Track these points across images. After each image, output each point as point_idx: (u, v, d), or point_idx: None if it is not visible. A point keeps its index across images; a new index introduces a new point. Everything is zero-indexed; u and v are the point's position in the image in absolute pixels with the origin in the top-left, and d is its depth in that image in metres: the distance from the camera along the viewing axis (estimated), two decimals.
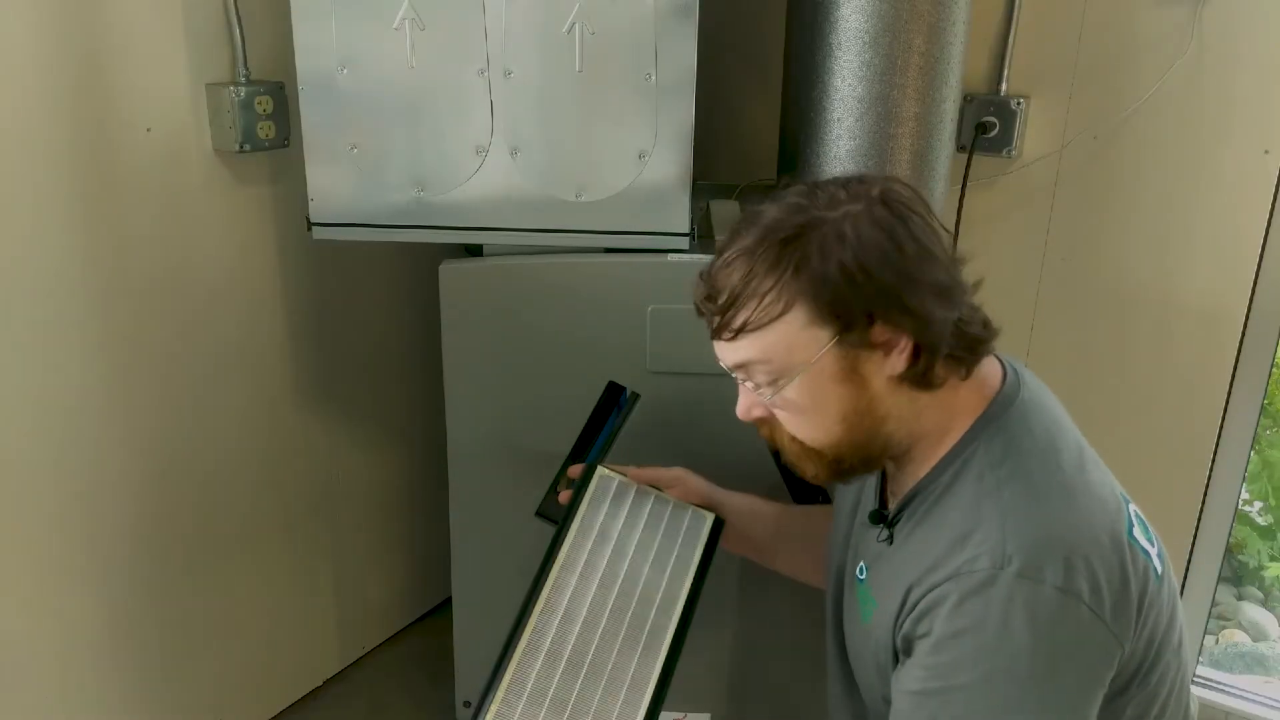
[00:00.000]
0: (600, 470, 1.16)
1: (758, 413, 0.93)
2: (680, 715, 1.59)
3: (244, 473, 1.80)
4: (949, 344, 0.88)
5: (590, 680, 0.96)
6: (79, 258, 1.47)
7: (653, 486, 1.20)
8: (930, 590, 0.85)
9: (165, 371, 1.62)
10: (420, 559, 2.27)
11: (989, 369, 0.96)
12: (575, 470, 1.17)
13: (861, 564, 1.01)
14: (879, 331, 0.86)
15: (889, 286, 0.84)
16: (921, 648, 0.85)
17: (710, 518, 1.17)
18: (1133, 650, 0.85)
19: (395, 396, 2.10)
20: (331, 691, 2.09)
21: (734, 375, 0.93)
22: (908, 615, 0.87)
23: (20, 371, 1.42)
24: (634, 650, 1.00)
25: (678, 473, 1.23)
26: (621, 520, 1.12)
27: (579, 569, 1.05)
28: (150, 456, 1.63)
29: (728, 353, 0.91)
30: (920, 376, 0.88)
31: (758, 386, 0.90)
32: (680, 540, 1.13)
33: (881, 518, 0.98)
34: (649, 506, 1.15)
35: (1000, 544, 0.82)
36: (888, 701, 0.91)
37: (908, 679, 0.86)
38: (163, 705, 1.76)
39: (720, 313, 0.89)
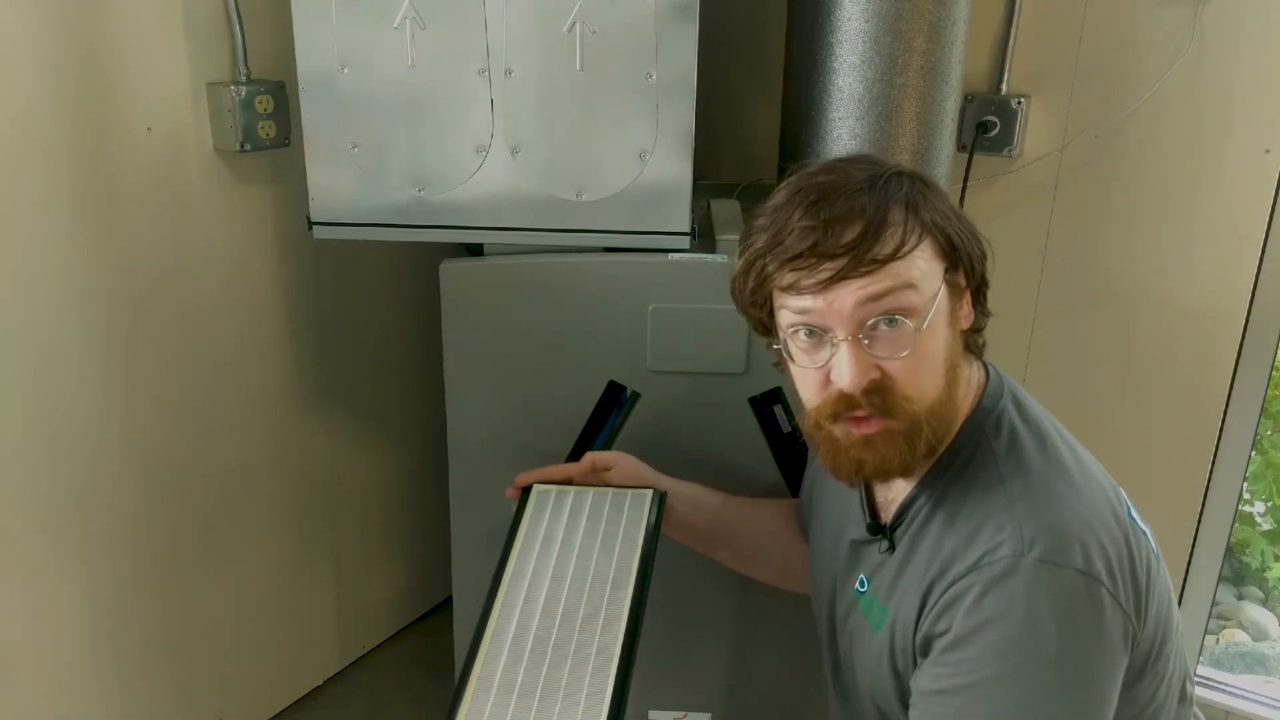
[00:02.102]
0: (536, 488, 1.18)
1: (874, 375, 0.84)
2: (680, 715, 1.59)
3: (244, 472, 1.80)
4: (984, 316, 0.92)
5: (556, 663, 0.96)
6: (79, 257, 1.47)
7: (593, 470, 1.20)
8: (951, 585, 0.83)
9: (165, 371, 1.62)
10: (420, 559, 2.27)
11: (977, 366, 0.96)
12: (512, 493, 1.18)
13: (862, 577, 0.99)
14: (971, 271, 0.88)
15: (972, 232, 0.88)
16: (941, 644, 0.83)
17: (649, 493, 1.17)
18: (1144, 633, 0.85)
19: (395, 396, 2.10)
20: (332, 691, 2.09)
21: (838, 339, 0.83)
22: (928, 614, 0.86)
23: (20, 370, 1.42)
24: (595, 625, 1.00)
25: (616, 454, 1.22)
26: (564, 522, 1.13)
27: (530, 570, 1.07)
28: (150, 456, 1.63)
29: (869, 285, 0.82)
30: (975, 339, 0.92)
31: (892, 322, 0.83)
32: (624, 521, 1.14)
33: (879, 529, 0.97)
34: (588, 502, 1.16)
35: (1018, 531, 0.81)
36: (906, 710, 0.89)
37: (929, 679, 0.84)
38: (162, 705, 1.76)
39: (854, 246, 0.81)
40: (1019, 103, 1.74)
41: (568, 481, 1.20)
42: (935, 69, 1.41)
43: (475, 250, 1.47)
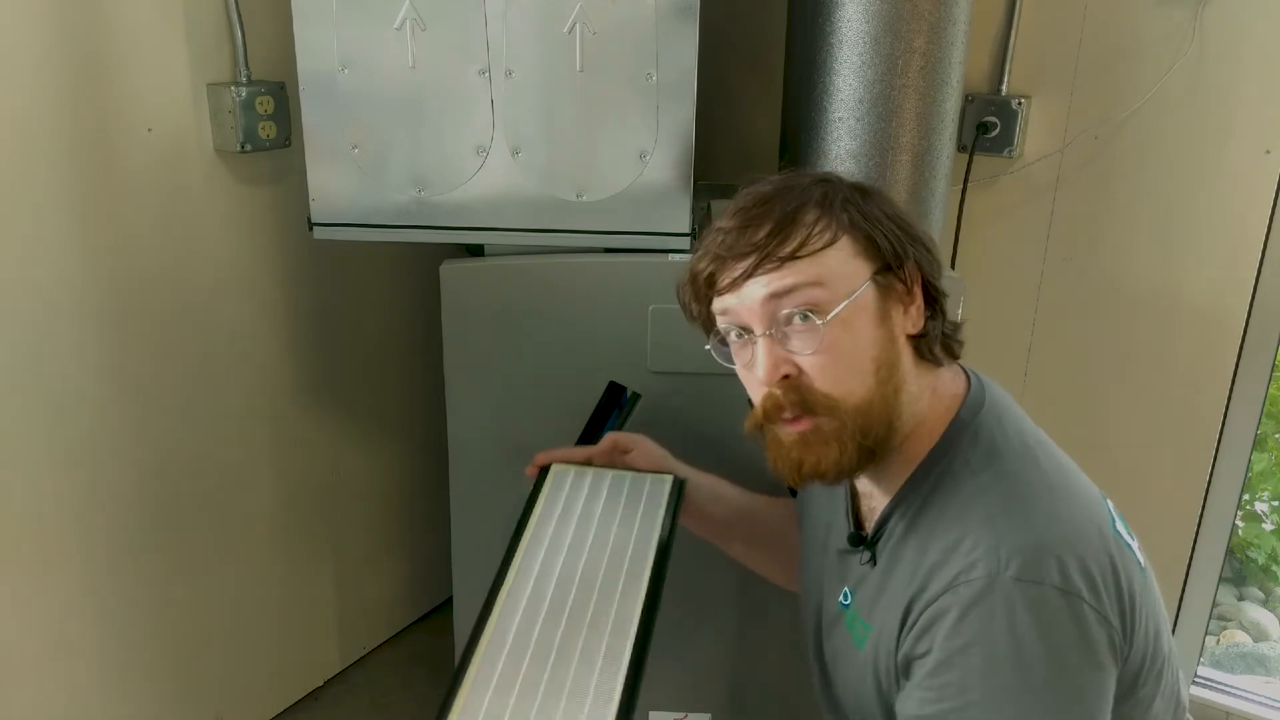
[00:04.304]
0: (555, 466, 1.18)
1: (786, 369, 0.86)
2: (680, 715, 1.59)
3: (245, 472, 1.80)
4: (940, 325, 0.91)
5: (573, 624, 0.95)
6: (80, 257, 1.47)
7: (614, 451, 1.20)
8: (929, 605, 0.82)
9: (165, 371, 1.62)
10: (420, 559, 2.27)
11: (955, 376, 0.95)
12: (532, 471, 1.18)
13: (845, 590, 0.99)
14: (909, 272, 0.88)
15: (917, 235, 0.89)
16: (923, 668, 0.82)
17: (669, 478, 1.17)
18: (1133, 648, 0.84)
19: (396, 396, 2.10)
20: (333, 691, 2.09)
21: (756, 336, 0.87)
22: (908, 633, 0.85)
23: (20, 370, 1.42)
24: (613, 595, 0.99)
25: (637, 435, 1.22)
26: (583, 496, 1.13)
27: (547, 539, 1.06)
28: (151, 456, 1.63)
29: (774, 281, 0.85)
30: (928, 344, 0.90)
31: (805, 318, 0.85)
32: (644, 503, 1.13)
33: (860, 540, 0.96)
34: (607, 481, 1.16)
35: (994, 549, 0.80)
36: None
37: (912, 703, 0.83)
38: (163, 705, 1.76)
39: (763, 245, 0.85)
40: (1019, 103, 1.74)
41: (587, 462, 1.19)
42: (935, 69, 1.40)
43: (475, 251, 1.47)
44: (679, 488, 1.16)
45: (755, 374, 0.88)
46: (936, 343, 0.91)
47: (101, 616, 1.62)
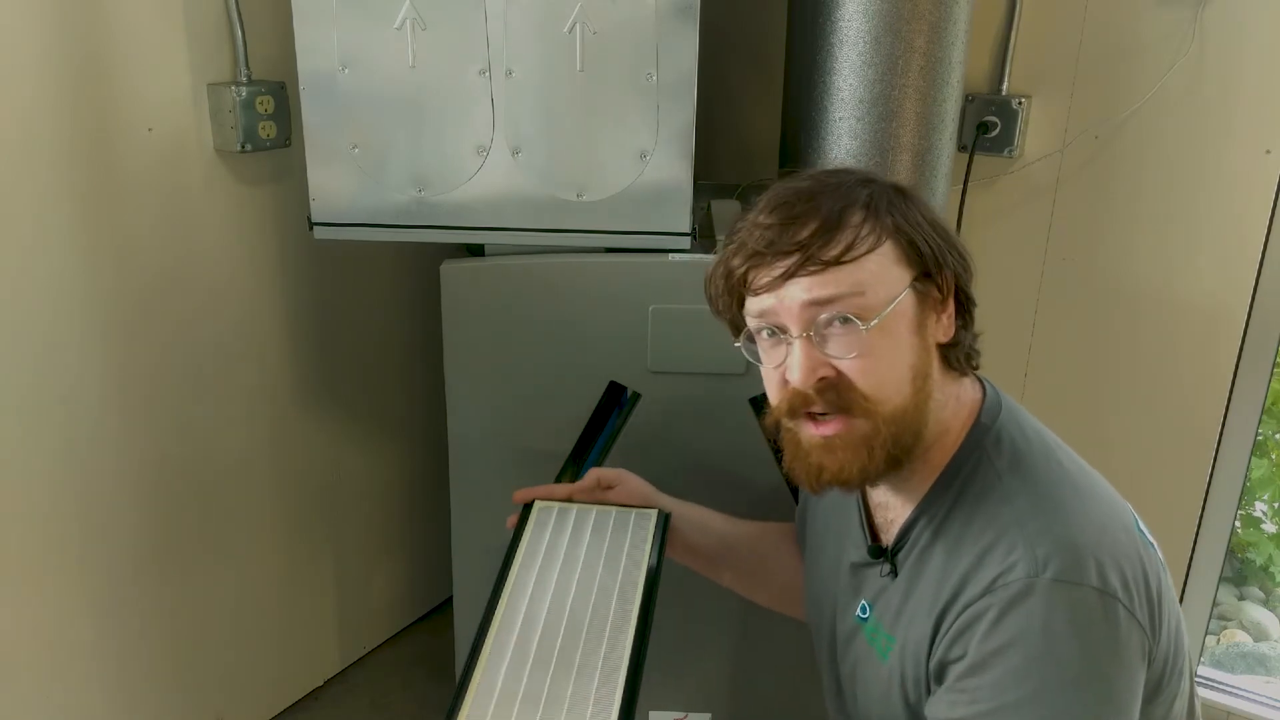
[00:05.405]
0: (538, 504, 1.16)
1: (824, 372, 0.84)
2: (681, 715, 1.59)
3: (245, 472, 1.80)
4: (969, 334, 0.90)
5: (560, 673, 0.95)
6: (80, 257, 1.47)
7: (597, 487, 1.18)
8: (965, 609, 0.82)
9: (166, 371, 1.62)
10: (420, 559, 2.27)
11: (971, 382, 0.94)
12: (512, 521, 1.16)
13: (862, 603, 0.98)
14: (945, 282, 0.87)
15: (954, 241, 0.88)
16: (958, 670, 0.81)
17: (654, 513, 1.16)
18: (1159, 648, 0.84)
19: (396, 396, 2.10)
20: (332, 691, 2.09)
21: (792, 337, 0.84)
22: (942, 639, 0.84)
23: (21, 369, 1.42)
24: (600, 640, 0.99)
25: (620, 471, 1.19)
26: (567, 537, 1.12)
27: (531, 585, 1.05)
28: (150, 455, 1.63)
29: (815, 289, 0.82)
30: (956, 354, 0.89)
31: (845, 321, 0.83)
32: (629, 540, 1.12)
33: (881, 551, 0.95)
34: (591, 519, 1.15)
35: (1031, 550, 0.79)
36: None
37: (945, 705, 0.82)
38: (163, 705, 1.76)
39: (806, 244, 0.82)
40: (1019, 103, 1.74)
41: (568, 499, 1.18)
42: (936, 69, 1.41)
43: (476, 250, 1.47)
44: (664, 522, 1.14)
45: (787, 374, 0.85)
46: (964, 352, 0.90)
47: (102, 616, 1.62)
